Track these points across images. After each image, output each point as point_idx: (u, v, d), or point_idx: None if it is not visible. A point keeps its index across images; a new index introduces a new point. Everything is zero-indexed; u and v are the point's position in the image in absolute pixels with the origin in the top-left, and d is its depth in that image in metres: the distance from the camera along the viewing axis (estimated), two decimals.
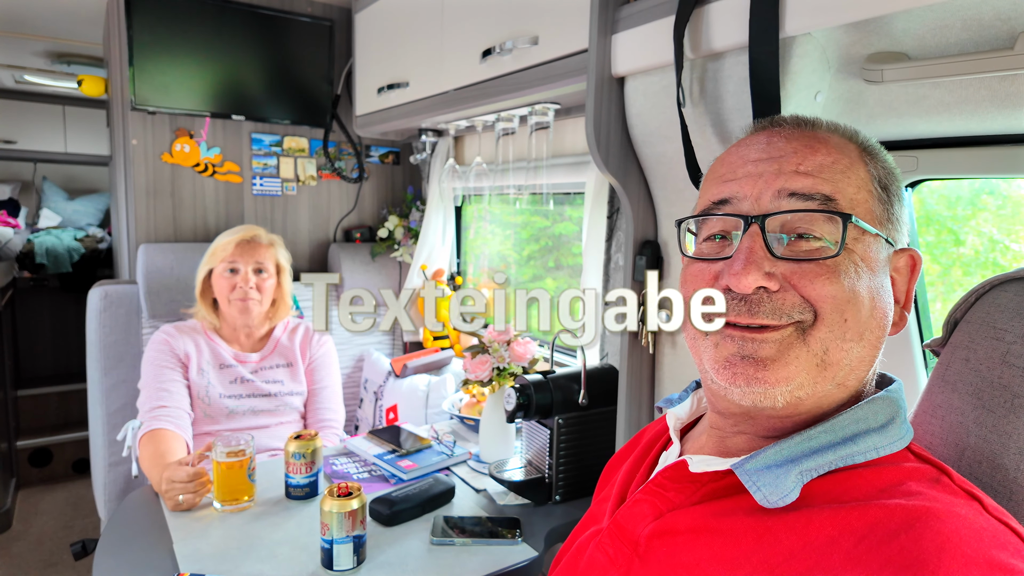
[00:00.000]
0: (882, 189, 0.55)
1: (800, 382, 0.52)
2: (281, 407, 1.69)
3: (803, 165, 0.54)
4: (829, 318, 0.51)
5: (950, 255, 1.01)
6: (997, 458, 0.54)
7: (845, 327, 0.51)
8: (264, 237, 1.69)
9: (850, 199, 0.53)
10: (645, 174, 1.13)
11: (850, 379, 0.54)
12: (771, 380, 0.52)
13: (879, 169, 0.56)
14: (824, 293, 0.51)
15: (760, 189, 0.54)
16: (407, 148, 2.46)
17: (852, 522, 0.45)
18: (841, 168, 0.54)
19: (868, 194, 0.54)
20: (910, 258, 0.57)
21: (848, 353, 0.52)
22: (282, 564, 1.05)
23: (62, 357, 3.74)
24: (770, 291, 0.52)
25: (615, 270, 1.44)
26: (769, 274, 0.52)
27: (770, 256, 0.52)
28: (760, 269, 0.52)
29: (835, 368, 0.52)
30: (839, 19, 0.71)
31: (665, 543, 0.54)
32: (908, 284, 0.57)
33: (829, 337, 0.51)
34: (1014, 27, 0.66)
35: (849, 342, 0.52)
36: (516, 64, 1.29)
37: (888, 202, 0.56)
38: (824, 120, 0.59)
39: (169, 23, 1.92)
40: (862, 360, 0.53)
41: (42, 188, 3.94)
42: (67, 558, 2.43)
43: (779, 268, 0.52)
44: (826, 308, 0.51)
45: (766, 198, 0.54)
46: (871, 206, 0.54)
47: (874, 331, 0.53)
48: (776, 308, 0.52)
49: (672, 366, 1.16)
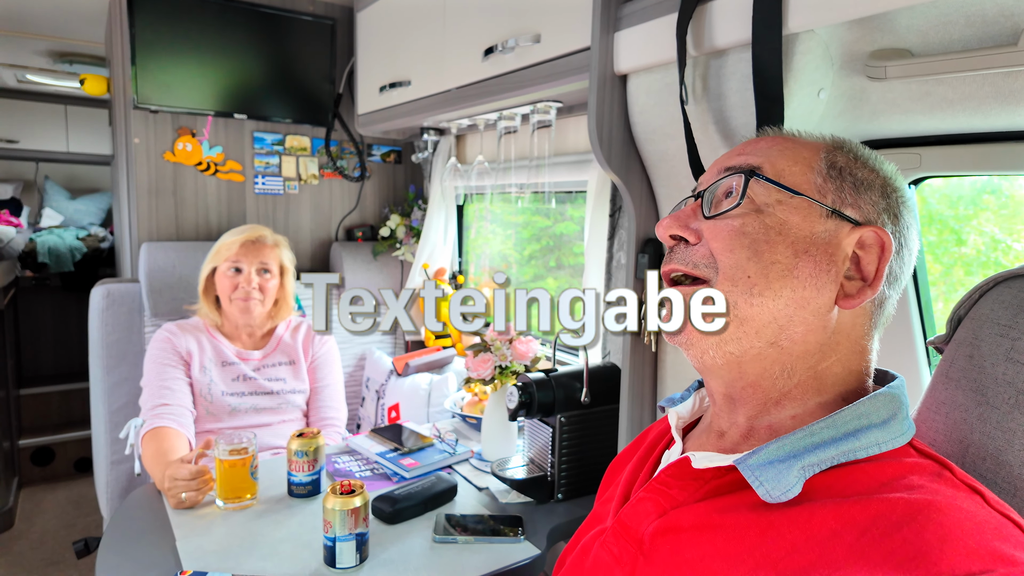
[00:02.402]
0: (830, 167, 0.56)
1: (724, 337, 0.54)
2: (283, 405, 1.69)
3: (746, 150, 0.60)
4: (729, 272, 0.54)
5: (952, 254, 1.00)
6: (1001, 454, 0.54)
7: (749, 282, 0.54)
8: (269, 238, 1.69)
9: (779, 169, 0.56)
10: (647, 172, 1.13)
11: (782, 338, 0.54)
12: (695, 335, 0.55)
13: (839, 156, 0.57)
14: (723, 247, 0.55)
15: (711, 172, 0.62)
16: (409, 147, 2.46)
17: (855, 515, 0.45)
18: (779, 148, 0.58)
19: (807, 167, 0.56)
20: (875, 235, 0.55)
21: (760, 308, 0.54)
22: (284, 562, 1.05)
23: (64, 356, 3.75)
24: (689, 243, 0.58)
25: (617, 268, 1.44)
26: (690, 229, 0.58)
27: (701, 217, 0.58)
28: (679, 221, 0.59)
29: (751, 323, 0.54)
30: (842, 16, 0.71)
31: (669, 540, 0.54)
32: (878, 263, 0.55)
33: (734, 291, 0.54)
34: (1018, 23, 0.66)
35: (757, 297, 0.54)
36: (518, 62, 1.29)
37: (839, 179, 0.56)
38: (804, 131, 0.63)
39: (171, 22, 1.93)
40: (789, 319, 0.54)
41: (44, 187, 3.95)
42: (69, 556, 2.43)
43: (701, 226, 0.58)
44: (725, 263, 0.55)
45: (711, 175, 0.61)
46: (809, 178, 0.56)
47: (797, 289, 0.53)
48: (687, 257, 0.57)
49: (674, 365, 1.16)
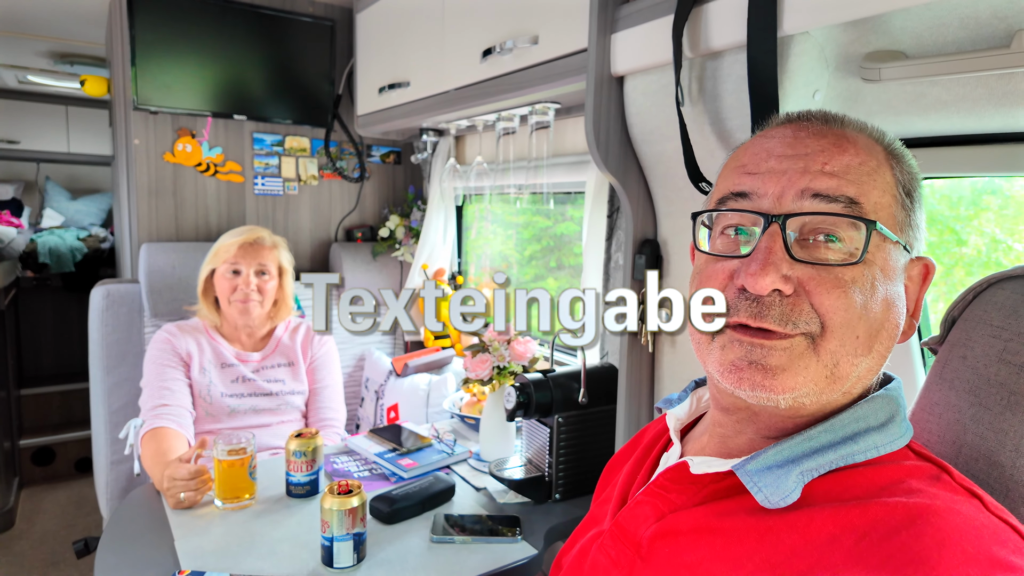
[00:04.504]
0: (906, 195, 0.54)
1: (807, 391, 0.51)
2: (282, 406, 1.69)
3: (829, 165, 0.52)
4: (839, 332, 0.50)
5: (952, 255, 1.01)
6: (994, 455, 0.55)
7: (857, 342, 0.50)
8: (268, 239, 1.69)
9: (874, 203, 0.51)
10: (644, 173, 1.13)
11: (856, 388, 0.53)
12: (778, 388, 0.50)
13: (904, 174, 0.54)
14: (836, 306, 0.50)
15: (783, 187, 0.52)
16: (408, 148, 2.47)
17: (853, 520, 0.45)
18: (868, 170, 0.52)
19: (892, 199, 0.53)
20: (924, 267, 0.56)
21: (858, 366, 0.51)
22: (283, 561, 1.06)
23: (64, 356, 3.75)
24: (783, 295, 0.50)
25: (615, 269, 1.44)
26: (785, 277, 0.50)
27: (788, 258, 0.50)
28: (778, 271, 0.50)
29: (844, 380, 0.51)
30: (837, 17, 0.71)
31: (667, 544, 0.54)
32: (919, 292, 0.56)
33: (840, 351, 0.50)
34: (1011, 25, 0.66)
35: (860, 356, 0.51)
36: (516, 63, 1.29)
37: (910, 208, 0.54)
38: (853, 118, 0.57)
39: (171, 23, 1.93)
40: (870, 370, 0.53)
41: (45, 188, 3.95)
42: (69, 556, 2.44)
43: (796, 271, 0.50)
44: (836, 322, 0.50)
45: (788, 197, 0.52)
46: (894, 211, 0.52)
47: (884, 342, 0.52)
48: (785, 314, 0.50)
49: (672, 365, 1.16)
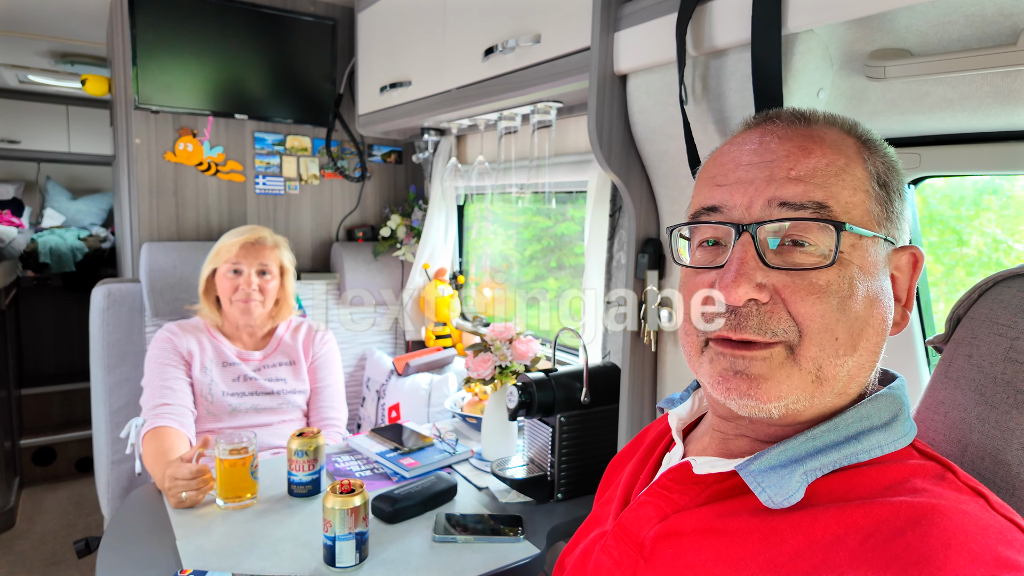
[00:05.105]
0: (881, 187, 0.53)
1: (796, 398, 0.51)
2: (284, 405, 1.69)
3: (795, 170, 0.52)
4: (817, 337, 0.50)
5: (953, 255, 1.00)
6: (1000, 454, 0.54)
7: (837, 344, 0.50)
8: (269, 239, 1.69)
9: (845, 203, 0.51)
10: (647, 172, 1.13)
11: (851, 387, 0.53)
12: (764, 397, 0.51)
13: (878, 165, 0.54)
14: (812, 312, 0.50)
15: (751, 197, 0.53)
16: (409, 147, 2.46)
17: (857, 520, 0.45)
18: (835, 170, 0.52)
19: (865, 195, 0.52)
20: (912, 256, 0.55)
21: (843, 367, 0.51)
22: (284, 561, 1.05)
23: (65, 356, 3.75)
24: (760, 303, 0.51)
25: (617, 268, 1.44)
26: (760, 285, 0.51)
27: (762, 265, 0.51)
28: (751, 280, 0.50)
29: (832, 382, 0.51)
30: (842, 16, 0.71)
31: (671, 545, 0.54)
32: (910, 282, 0.56)
33: (821, 355, 0.50)
34: (1017, 23, 0.66)
35: (843, 356, 0.51)
36: (518, 62, 1.29)
37: (887, 200, 0.53)
38: (822, 113, 0.57)
39: (172, 22, 1.93)
40: (861, 368, 0.52)
41: (46, 188, 3.95)
42: (70, 556, 2.44)
43: (771, 279, 0.51)
44: (812, 328, 0.50)
45: (757, 206, 0.52)
46: (868, 207, 0.52)
47: (872, 338, 0.52)
48: (762, 324, 0.51)
49: (674, 364, 1.16)
